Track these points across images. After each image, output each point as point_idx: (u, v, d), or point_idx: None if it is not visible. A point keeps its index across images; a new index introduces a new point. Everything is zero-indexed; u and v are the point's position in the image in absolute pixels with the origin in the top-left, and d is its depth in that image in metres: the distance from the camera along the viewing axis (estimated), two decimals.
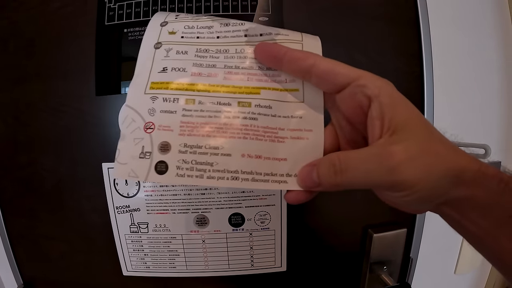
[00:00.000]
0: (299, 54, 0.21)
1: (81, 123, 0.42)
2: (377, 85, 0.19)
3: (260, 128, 0.21)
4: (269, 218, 0.42)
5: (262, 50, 0.23)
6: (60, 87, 0.42)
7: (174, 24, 0.25)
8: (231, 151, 0.21)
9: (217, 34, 0.24)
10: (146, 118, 0.21)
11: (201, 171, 0.20)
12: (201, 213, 0.41)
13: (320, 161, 0.21)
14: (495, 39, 0.53)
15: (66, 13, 0.42)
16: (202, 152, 0.21)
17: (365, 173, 0.18)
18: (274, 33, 0.24)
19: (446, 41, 0.48)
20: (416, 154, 0.18)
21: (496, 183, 0.18)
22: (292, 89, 0.23)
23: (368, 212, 0.45)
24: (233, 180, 0.20)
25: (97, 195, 0.42)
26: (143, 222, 0.42)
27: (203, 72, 0.23)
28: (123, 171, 0.20)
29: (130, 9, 0.42)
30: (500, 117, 0.54)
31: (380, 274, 0.46)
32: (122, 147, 0.21)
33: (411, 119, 0.19)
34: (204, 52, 0.23)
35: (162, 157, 0.20)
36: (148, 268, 0.44)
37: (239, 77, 0.23)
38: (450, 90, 0.49)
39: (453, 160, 0.18)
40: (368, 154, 0.19)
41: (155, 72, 0.23)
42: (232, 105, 0.22)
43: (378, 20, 0.43)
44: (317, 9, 0.42)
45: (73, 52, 0.42)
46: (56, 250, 0.45)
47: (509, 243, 0.18)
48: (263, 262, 0.43)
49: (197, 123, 0.21)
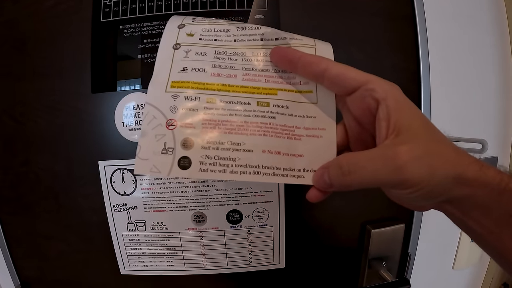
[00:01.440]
0: (313, 58, 0.23)
1: (77, 121, 0.41)
2: (384, 89, 0.21)
3: (278, 126, 0.23)
4: (267, 214, 0.41)
5: (278, 54, 0.24)
6: (56, 85, 0.41)
7: (191, 27, 0.26)
8: (252, 147, 0.22)
9: (234, 37, 0.26)
10: (167, 115, 0.22)
11: (224, 166, 0.21)
12: (199, 211, 0.41)
13: (330, 164, 0.22)
14: (492, 35, 0.53)
15: (61, 11, 0.42)
16: (225, 148, 0.22)
17: (372, 172, 0.20)
18: (288, 37, 0.25)
19: (442, 36, 0.48)
20: (420, 154, 0.19)
21: (497, 183, 0.19)
22: (306, 90, 0.24)
23: (366, 208, 0.45)
24: (255, 174, 0.21)
25: (94, 193, 0.42)
26: (140, 220, 0.42)
27: (222, 73, 0.24)
28: (144, 166, 0.21)
29: (126, 6, 0.41)
30: (497, 112, 0.54)
31: (378, 270, 0.46)
32: (143, 143, 0.21)
33: (415, 121, 0.20)
34: (223, 54, 0.25)
35: (185, 152, 0.21)
36: (146, 267, 0.43)
37: (257, 78, 0.24)
38: (447, 85, 0.49)
39: (455, 161, 0.19)
40: (375, 155, 0.20)
41: (175, 71, 0.24)
42: (252, 104, 0.23)
43: (375, 16, 0.43)
44: (314, 5, 0.41)
45: (68, 50, 0.41)
46: (53, 249, 0.45)
47: (510, 241, 0.19)
48: (261, 259, 0.43)
49: (219, 120, 0.22)
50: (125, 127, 0.40)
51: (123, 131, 0.40)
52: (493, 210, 0.19)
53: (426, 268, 0.52)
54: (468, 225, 0.21)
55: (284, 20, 0.41)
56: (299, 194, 0.43)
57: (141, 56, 0.40)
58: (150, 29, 0.40)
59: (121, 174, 0.41)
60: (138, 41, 0.40)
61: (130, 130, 0.40)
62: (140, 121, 0.40)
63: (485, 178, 0.19)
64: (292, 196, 0.42)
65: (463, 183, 0.19)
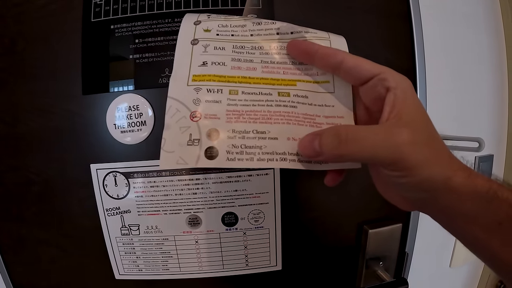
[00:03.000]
0: (329, 50, 0.24)
1: (69, 124, 0.40)
2: (396, 79, 0.21)
3: (300, 115, 0.23)
4: (263, 216, 0.41)
5: (295, 47, 0.25)
6: (47, 87, 0.41)
7: (208, 23, 0.26)
8: (277, 135, 0.22)
9: (250, 32, 0.26)
10: (191, 108, 0.22)
11: (251, 154, 0.21)
12: (193, 213, 0.40)
13: (324, 131, 0.22)
14: (487, 33, 0.53)
15: (52, 10, 0.41)
16: (250, 137, 0.22)
17: (371, 145, 0.20)
18: (304, 31, 0.26)
19: (438, 35, 0.48)
20: (419, 141, 0.20)
21: (485, 191, 0.19)
22: (323, 81, 0.25)
23: (363, 208, 0.45)
24: (282, 161, 0.22)
25: (87, 197, 0.41)
26: (134, 224, 0.41)
27: (242, 66, 0.25)
28: (170, 159, 0.21)
29: (117, 5, 0.40)
30: (492, 110, 0.54)
31: (376, 269, 0.45)
32: (167, 135, 0.22)
33: (418, 115, 0.21)
34: (241, 48, 0.25)
35: (211, 143, 0.21)
36: (141, 271, 0.43)
37: (276, 70, 0.25)
38: (442, 84, 0.48)
39: (447, 163, 0.20)
40: (377, 129, 0.20)
41: (195, 66, 0.24)
42: (273, 95, 0.24)
43: (369, 14, 0.43)
44: (308, 2, 0.41)
45: (59, 51, 0.41)
46: (47, 254, 0.44)
47: (500, 247, 0.19)
48: (258, 262, 0.43)
49: (242, 111, 0.23)
50: (117, 129, 0.39)
51: (115, 133, 0.39)
52: (481, 218, 0.19)
53: (424, 266, 0.52)
54: (456, 231, 0.21)
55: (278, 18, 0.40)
56: (294, 195, 0.42)
57: (133, 56, 0.39)
58: (141, 28, 0.40)
59: (113, 177, 0.40)
60: (130, 41, 0.40)
61: (122, 132, 0.39)
62: (132, 123, 0.39)
63: (472, 186, 0.19)
64: (288, 197, 0.41)
65: (450, 188, 0.19)
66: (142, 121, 0.39)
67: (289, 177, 0.41)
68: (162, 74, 0.39)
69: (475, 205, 0.19)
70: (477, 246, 0.21)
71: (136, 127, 0.39)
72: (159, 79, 0.39)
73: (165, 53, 0.39)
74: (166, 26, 0.39)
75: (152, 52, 0.39)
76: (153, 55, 0.39)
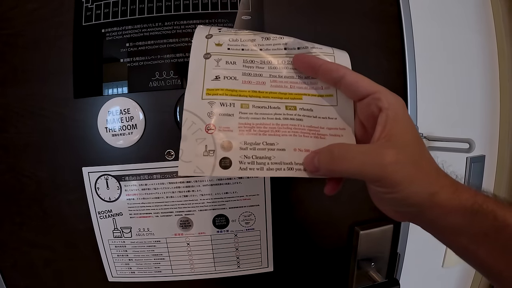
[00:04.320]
0: (332, 66, 0.25)
1: (61, 127, 0.40)
2: (389, 100, 0.23)
3: (305, 127, 0.25)
4: (254, 218, 0.41)
5: (301, 61, 0.27)
6: (38, 90, 0.41)
7: (219, 37, 0.28)
8: (285, 146, 0.24)
9: (259, 47, 0.28)
10: (206, 121, 0.24)
11: (261, 164, 0.23)
12: (185, 216, 0.40)
13: (322, 149, 0.24)
14: (478, 34, 0.54)
15: (43, 14, 0.41)
16: (261, 148, 0.24)
17: (359, 163, 0.22)
18: (310, 47, 0.28)
19: (428, 36, 0.48)
20: (404, 161, 0.21)
21: (470, 205, 0.20)
22: (327, 94, 0.27)
23: (354, 210, 0.45)
24: (289, 170, 0.24)
25: (79, 200, 0.41)
26: (126, 226, 0.41)
27: (252, 81, 0.26)
28: (188, 168, 0.23)
29: (108, 9, 0.41)
30: (484, 111, 0.55)
31: (368, 270, 0.46)
32: (185, 147, 0.23)
33: (407, 135, 0.22)
34: (251, 63, 0.27)
35: (225, 154, 0.23)
36: (134, 273, 0.43)
37: (283, 84, 0.27)
38: (433, 85, 0.49)
39: (433, 180, 0.21)
40: (366, 149, 0.22)
41: (209, 80, 0.25)
42: (281, 108, 0.25)
43: (360, 16, 0.43)
44: (298, 5, 0.41)
45: (51, 54, 0.41)
46: (39, 257, 0.44)
47: (487, 257, 0.20)
48: (249, 263, 0.43)
49: (253, 124, 0.24)
50: (108, 132, 0.39)
51: (107, 136, 0.39)
52: (466, 229, 0.21)
53: (416, 267, 0.52)
54: (445, 241, 0.23)
55: (268, 21, 0.40)
56: (285, 197, 0.42)
57: (124, 60, 0.39)
58: (132, 32, 0.40)
59: (105, 180, 0.40)
60: (121, 44, 0.40)
61: (113, 136, 0.39)
62: (123, 126, 0.39)
63: (457, 200, 0.21)
64: (279, 199, 0.42)
65: (435, 203, 0.21)
66: (133, 124, 0.39)
67: (280, 180, 0.41)
68: (152, 77, 0.39)
69: (460, 218, 0.20)
70: (465, 254, 0.22)
71: (127, 130, 0.39)
72: (149, 82, 0.39)
73: (156, 57, 0.39)
74: (157, 30, 0.39)
75: (143, 56, 0.39)
76: (144, 59, 0.39)
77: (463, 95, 0.53)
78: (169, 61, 0.39)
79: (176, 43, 0.39)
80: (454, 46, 0.51)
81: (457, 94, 0.52)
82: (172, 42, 0.39)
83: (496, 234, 0.20)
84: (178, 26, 0.39)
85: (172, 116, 0.39)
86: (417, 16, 0.46)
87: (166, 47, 0.39)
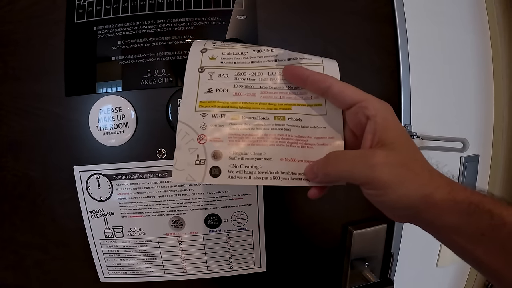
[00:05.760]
0: (319, 76, 0.26)
1: (52, 125, 0.40)
2: (376, 107, 0.23)
3: (293, 137, 0.26)
4: (246, 218, 0.41)
5: (290, 72, 0.27)
6: (31, 88, 0.40)
7: (213, 51, 0.29)
8: (272, 156, 0.25)
9: (251, 59, 0.29)
10: (198, 132, 0.25)
11: (249, 173, 0.24)
12: (176, 215, 0.40)
13: (320, 159, 0.25)
14: (473, 33, 0.54)
15: (35, 12, 0.40)
16: (249, 157, 0.25)
17: (350, 166, 0.23)
18: (299, 57, 0.29)
19: (423, 35, 0.48)
20: (393, 163, 0.21)
21: (466, 205, 0.20)
22: (316, 104, 0.27)
23: (348, 209, 0.45)
24: (275, 179, 0.25)
25: (70, 199, 0.41)
26: (117, 226, 0.41)
27: (243, 92, 0.27)
28: (181, 176, 0.24)
29: (100, 6, 0.40)
30: (478, 110, 0.55)
31: (361, 270, 0.46)
32: (178, 156, 0.25)
33: (398, 139, 0.23)
34: (242, 75, 0.28)
35: (215, 163, 0.24)
36: (125, 273, 0.43)
37: (273, 95, 0.27)
38: (427, 84, 0.49)
39: (426, 181, 0.21)
40: (357, 153, 0.23)
41: (202, 92, 0.27)
42: (270, 119, 0.26)
43: (354, 15, 0.43)
44: (292, 4, 0.41)
45: (43, 52, 0.40)
46: (31, 257, 0.44)
47: (485, 256, 0.20)
48: (242, 263, 0.43)
49: (243, 134, 0.26)
50: (99, 131, 0.39)
51: (98, 135, 0.39)
52: (463, 229, 0.21)
53: (410, 267, 0.52)
54: (443, 241, 0.23)
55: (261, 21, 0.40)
56: (278, 196, 0.42)
57: (116, 58, 0.39)
58: (124, 30, 0.39)
59: (96, 179, 0.40)
60: (113, 42, 0.39)
61: (105, 134, 0.39)
62: (114, 125, 0.39)
63: (452, 201, 0.21)
64: (271, 198, 0.41)
65: (430, 204, 0.21)
66: (124, 122, 0.39)
67: None
68: (144, 75, 0.39)
69: (456, 218, 0.20)
70: (463, 254, 0.22)
71: (119, 129, 0.39)
72: (141, 80, 0.39)
73: (148, 55, 0.39)
74: (149, 27, 0.39)
75: (135, 54, 0.39)
76: (136, 57, 0.39)
77: (458, 95, 0.53)
78: (161, 59, 0.39)
79: (168, 41, 0.39)
80: (449, 46, 0.51)
81: (451, 94, 0.52)
82: (164, 40, 0.39)
83: (493, 233, 0.20)
84: (170, 24, 0.39)
85: (164, 114, 0.39)
86: (412, 16, 0.46)
87: (158, 45, 0.39)
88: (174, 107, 0.39)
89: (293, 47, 0.31)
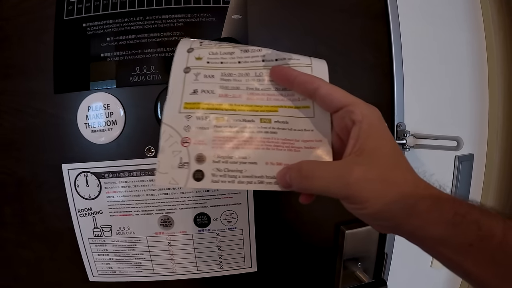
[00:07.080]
0: (307, 78, 0.25)
1: (41, 123, 0.40)
2: (362, 112, 0.22)
3: (279, 140, 0.25)
4: (236, 217, 0.40)
5: (277, 73, 0.26)
6: (20, 86, 0.40)
7: (199, 51, 0.28)
8: (256, 160, 0.24)
9: (238, 59, 0.28)
10: (182, 134, 0.24)
11: (233, 177, 0.24)
12: (165, 214, 0.40)
13: (293, 166, 0.23)
14: (467, 32, 0.53)
15: (25, 9, 0.40)
16: (233, 161, 0.24)
17: (325, 183, 0.22)
18: (287, 58, 0.28)
19: (416, 34, 0.47)
20: (371, 178, 0.21)
21: (451, 215, 0.20)
22: (304, 106, 0.26)
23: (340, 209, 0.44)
24: (259, 183, 0.24)
25: (59, 198, 0.40)
26: (106, 225, 0.40)
27: (229, 94, 0.26)
28: (164, 179, 0.23)
29: (90, 3, 0.40)
30: (472, 109, 0.54)
31: (354, 270, 0.45)
32: (162, 158, 0.24)
33: (381, 148, 0.22)
34: (228, 75, 0.27)
35: (199, 166, 0.24)
36: (114, 273, 0.42)
37: (260, 97, 0.26)
38: (421, 83, 0.48)
39: (409, 191, 0.21)
40: (332, 168, 0.22)
41: (187, 94, 0.26)
42: (256, 121, 0.26)
43: (346, 13, 0.42)
44: (283, 1, 0.41)
45: (32, 49, 0.40)
46: (19, 257, 0.43)
47: (473, 267, 0.19)
48: (232, 263, 0.42)
49: (227, 137, 0.25)
50: (88, 128, 0.39)
51: (86, 132, 0.39)
52: (449, 240, 0.20)
53: (404, 267, 0.52)
54: (429, 252, 0.22)
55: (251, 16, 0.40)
56: (268, 195, 0.42)
57: (104, 55, 0.39)
58: (113, 26, 0.39)
59: (85, 178, 0.39)
60: (101, 39, 0.39)
61: (93, 132, 0.38)
62: (103, 122, 0.38)
63: (437, 211, 0.20)
64: (261, 198, 0.41)
65: (413, 215, 0.20)
66: (113, 120, 0.38)
67: None
68: (133, 72, 0.38)
69: (441, 229, 0.20)
70: (451, 266, 0.21)
71: (107, 126, 0.38)
72: (129, 77, 0.38)
73: (137, 51, 0.39)
74: (138, 24, 0.39)
75: (124, 51, 0.39)
76: (125, 54, 0.39)
77: (452, 93, 0.52)
78: (150, 55, 0.38)
79: (157, 37, 0.38)
80: (443, 45, 0.51)
81: (445, 92, 0.51)
82: (153, 36, 0.39)
83: (481, 244, 0.19)
84: (159, 20, 0.39)
85: (153, 112, 0.39)
86: (405, 14, 0.46)
87: (147, 41, 0.39)
88: (163, 104, 0.38)
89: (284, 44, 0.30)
